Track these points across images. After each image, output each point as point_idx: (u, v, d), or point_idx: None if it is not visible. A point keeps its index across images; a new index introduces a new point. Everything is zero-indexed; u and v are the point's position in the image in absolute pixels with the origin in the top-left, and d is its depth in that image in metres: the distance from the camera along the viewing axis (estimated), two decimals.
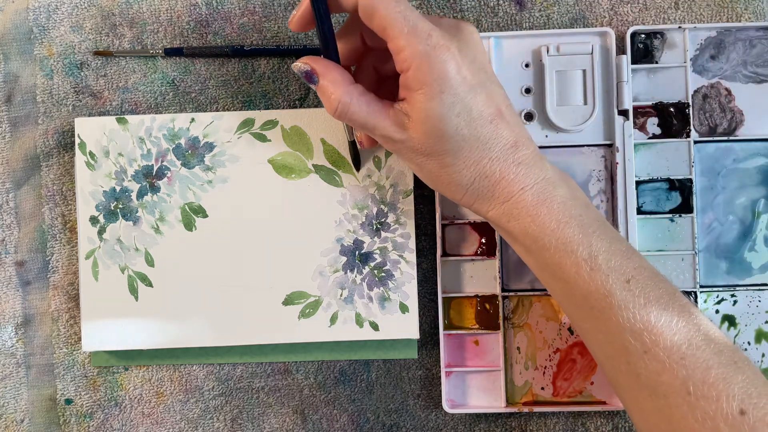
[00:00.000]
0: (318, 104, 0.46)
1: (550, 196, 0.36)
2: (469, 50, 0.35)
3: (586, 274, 0.35)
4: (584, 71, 0.44)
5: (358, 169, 0.44)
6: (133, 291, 0.44)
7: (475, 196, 0.37)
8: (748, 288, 0.44)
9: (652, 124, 0.45)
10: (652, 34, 0.45)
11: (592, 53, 0.44)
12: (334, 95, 0.36)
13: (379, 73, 0.41)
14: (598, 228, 0.36)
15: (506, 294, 0.45)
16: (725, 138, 0.44)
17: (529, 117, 0.45)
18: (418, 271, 0.45)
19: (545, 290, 0.45)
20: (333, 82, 0.36)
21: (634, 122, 0.44)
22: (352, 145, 0.43)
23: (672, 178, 0.44)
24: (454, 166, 0.36)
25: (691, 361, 0.33)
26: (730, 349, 0.33)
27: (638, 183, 0.44)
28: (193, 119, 0.45)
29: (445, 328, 0.45)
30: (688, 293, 0.44)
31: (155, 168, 0.45)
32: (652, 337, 0.33)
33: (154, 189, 0.45)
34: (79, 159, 0.45)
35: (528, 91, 0.45)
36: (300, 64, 0.37)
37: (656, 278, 0.35)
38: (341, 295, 0.44)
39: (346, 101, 0.36)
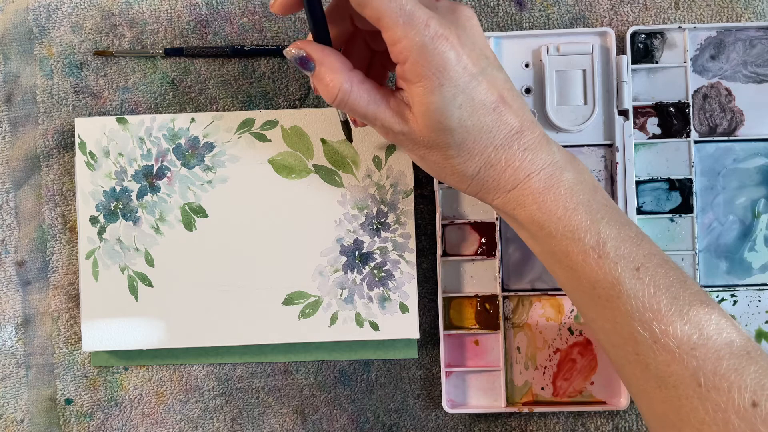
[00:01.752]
0: (318, 104, 0.46)
1: (557, 182, 0.35)
2: (468, 36, 0.33)
3: (594, 262, 0.34)
4: (584, 71, 0.44)
5: (351, 141, 0.43)
6: (133, 291, 0.44)
7: (480, 185, 0.36)
8: (748, 288, 0.44)
9: (652, 124, 0.45)
10: (652, 34, 0.45)
11: (592, 53, 0.44)
12: (333, 83, 0.34)
13: (371, 49, 0.39)
14: (606, 214, 0.35)
15: (506, 294, 0.45)
16: (725, 138, 0.44)
17: None
18: (418, 271, 0.45)
19: (545, 290, 0.45)
20: (331, 68, 0.34)
21: (634, 122, 0.44)
22: (345, 124, 0.41)
23: (672, 178, 0.44)
24: (459, 157, 0.35)
25: (702, 352, 0.32)
26: (742, 339, 0.32)
27: (638, 183, 0.44)
28: (193, 119, 0.45)
29: (445, 328, 0.45)
30: None
31: (155, 168, 0.45)
32: (662, 327, 0.32)
33: (154, 189, 0.45)
34: (79, 159, 0.45)
35: (528, 91, 0.45)
36: (294, 50, 0.34)
37: (667, 265, 0.34)
38: (341, 295, 0.44)
39: (346, 89, 0.34)
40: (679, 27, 0.44)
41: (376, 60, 0.40)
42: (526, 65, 0.45)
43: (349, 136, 0.42)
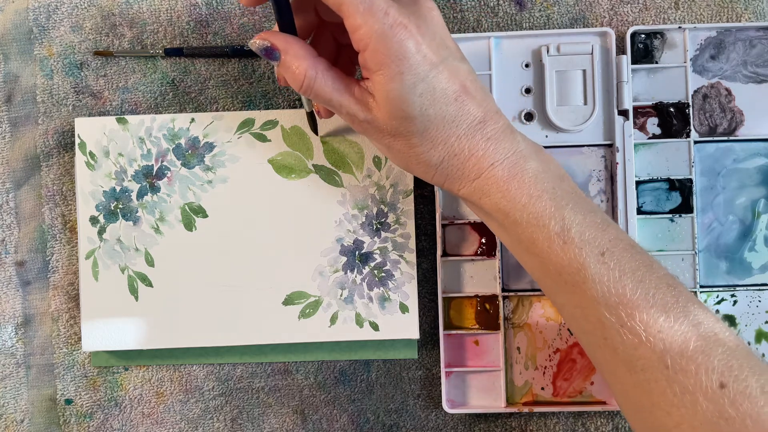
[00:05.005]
0: None
1: (521, 170, 0.35)
2: (428, 27, 0.34)
3: (559, 248, 0.34)
4: (584, 71, 0.44)
5: (317, 133, 0.44)
6: (133, 291, 0.44)
7: (445, 175, 0.36)
8: (748, 288, 0.44)
9: (652, 124, 0.45)
10: (652, 34, 0.45)
11: (592, 53, 0.44)
12: (299, 69, 0.34)
13: (338, 42, 0.40)
14: (571, 200, 0.35)
15: (506, 294, 0.45)
16: (725, 138, 0.44)
17: (529, 117, 0.45)
18: (418, 271, 0.45)
19: None
20: (296, 56, 0.35)
21: (634, 122, 0.44)
22: (311, 116, 0.42)
23: (672, 178, 0.44)
24: (422, 146, 0.35)
25: (669, 334, 0.32)
26: (710, 320, 0.32)
27: (638, 183, 0.44)
28: (193, 119, 0.45)
29: (445, 328, 0.45)
30: None
31: (155, 168, 0.45)
32: (627, 311, 0.32)
33: (154, 189, 0.45)
34: (79, 159, 0.45)
35: (528, 91, 0.45)
36: (258, 41, 0.35)
37: (633, 250, 0.34)
38: (341, 295, 0.44)
39: (311, 75, 0.35)
40: (679, 27, 0.44)
41: (343, 54, 0.40)
42: (526, 65, 0.45)
43: (314, 129, 0.43)
